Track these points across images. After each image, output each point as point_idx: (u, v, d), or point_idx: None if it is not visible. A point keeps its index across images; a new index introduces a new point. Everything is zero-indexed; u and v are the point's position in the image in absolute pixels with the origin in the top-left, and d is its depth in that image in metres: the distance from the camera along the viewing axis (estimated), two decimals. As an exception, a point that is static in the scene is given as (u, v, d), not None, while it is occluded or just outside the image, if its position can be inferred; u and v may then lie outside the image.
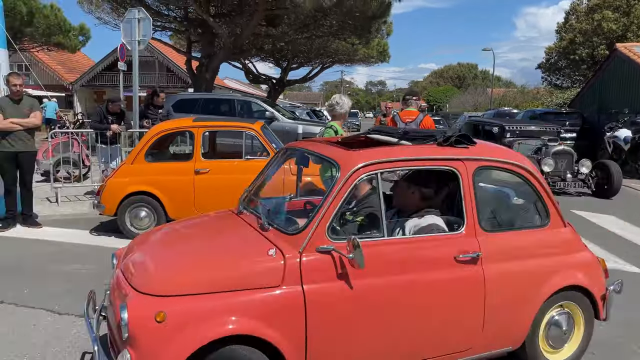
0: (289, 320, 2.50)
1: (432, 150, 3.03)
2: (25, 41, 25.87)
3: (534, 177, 3.21)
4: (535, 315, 3.11)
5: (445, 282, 2.83)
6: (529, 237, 3.17)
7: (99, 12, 19.95)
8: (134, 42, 8.38)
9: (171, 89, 36.09)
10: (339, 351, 2.65)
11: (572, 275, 3.20)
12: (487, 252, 2.94)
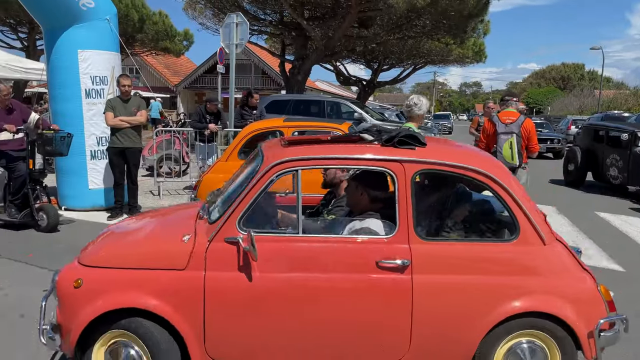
0: (189, 303, 2.62)
1: (366, 150, 2.84)
2: (136, 46, 28.03)
3: (499, 186, 2.80)
4: (484, 339, 2.74)
5: (361, 287, 2.67)
6: (485, 251, 2.78)
7: (202, 18, 21.22)
8: (231, 46, 8.82)
9: (265, 90, 37.43)
10: (237, 341, 2.67)
11: (544, 302, 2.72)
12: (420, 262, 2.69)
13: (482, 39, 23.78)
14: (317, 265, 2.68)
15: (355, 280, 2.66)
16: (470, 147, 3.56)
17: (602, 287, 2.82)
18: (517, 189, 2.86)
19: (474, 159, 2.97)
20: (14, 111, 6.51)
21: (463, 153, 3.09)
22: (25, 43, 24.58)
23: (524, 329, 2.77)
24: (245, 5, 17.76)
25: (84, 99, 7.21)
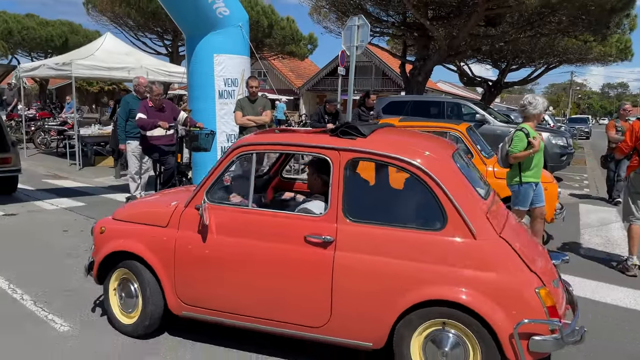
0: (165, 252, 3.33)
1: (315, 139, 3.18)
2: (264, 50, 29.70)
3: (429, 177, 2.87)
4: (400, 324, 2.86)
5: (291, 256, 3.02)
6: (407, 237, 2.87)
7: (326, 21, 21.88)
8: (352, 48, 9.04)
9: (385, 92, 37.44)
10: (195, 286, 3.29)
11: (457, 292, 2.73)
12: (344, 240, 2.94)
13: (628, 34, 21.45)
14: (259, 234, 3.13)
15: (286, 250, 3.05)
16: (423, 139, 3.52)
17: (542, 291, 2.71)
18: (451, 182, 2.89)
19: (409, 149, 3.04)
20: (166, 110, 7.15)
21: (402, 143, 3.23)
22: (170, 49, 27.32)
23: (437, 318, 2.82)
24: (368, 8, 17.99)
25: (217, 99, 7.89)
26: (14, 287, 4.29)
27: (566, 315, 2.91)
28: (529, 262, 2.82)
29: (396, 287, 2.84)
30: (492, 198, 3.26)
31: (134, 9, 23.65)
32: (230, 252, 3.17)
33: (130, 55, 12.79)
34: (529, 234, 3.48)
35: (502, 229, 2.95)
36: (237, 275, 3.17)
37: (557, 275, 3.09)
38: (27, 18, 32.81)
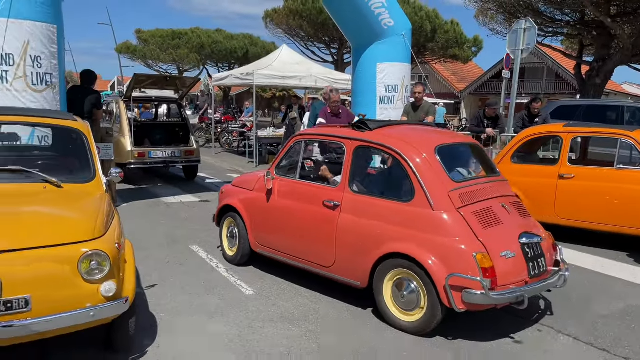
0: (248, 206, 4.89)
1: (338, 131, 4.52)
2: (426, 55, 29.66)
3: (405, 161, 3.84)
4: (375, 265, 3.79)
5: (314, 213, 4.24)
6: (386, 205, 3.88)
7: (492, 24, 21.20)
8: (517, 51, 8.86)
9: (557, 95, 34.59)
10: (263, 228, 4.76)
11: (409, 248, 3.61)
12: (346, 205, 4.06)
13: None
14: (298, 197, 4.44)
15: (311, 209, 4.27)
16: (419, 133, 4.55)
17: (479, 255, 3.41)
18: (421, 166, 3.79)
19: (397, 141, 4.03)
20: (342, 115, 7.31)
21: (395, 136, 4.19)
22: (335, 57, 28.91)
23: (399, 268, 3.69)
24: (540, 7, 17.02)
25: (378, 105, 8.43)
26: (211, 258, 5.29)
27: (528, 284, 3.58)
28: (478, 233, 3.55)
29: (373, 241, 3.82)
30: (478, 183, 4.07)
31: (305, 21, 25.63)
32: (280, 208, 4.56)
33: (301, 65, 14.07)
34: (521, 219, 3.99)
35: (466, 205, 3.70)
36: (284, 225, 4.53)
37: (528, 252, 3.69)
38: (216, 33, 37.48)
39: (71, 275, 2.75)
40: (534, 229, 3.96)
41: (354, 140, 4.19)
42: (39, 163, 3.74)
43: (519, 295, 3.43)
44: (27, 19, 5.81)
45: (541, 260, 3.76)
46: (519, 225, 3.86)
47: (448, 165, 3.91)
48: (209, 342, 3.45)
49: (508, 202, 4.03)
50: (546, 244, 3.93)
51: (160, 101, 12.20)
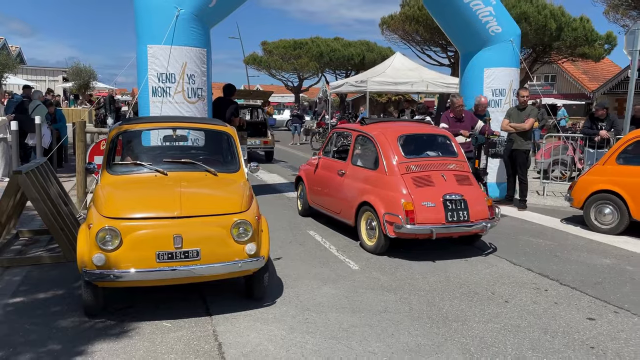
0: (307, 174, 7.48)
1: (351, 125, 7.51)
2: (552, 54, 28.26)
3: (375, 143, 6.05)
4: (356, 210, 6.00)
5: (334, 179, 6.63)
6: (365, 172, 6.17)
7: (624, 20, 19.88)
8: (634, 52, 8.67)
9: None
10: (312, 189, 7.20)
11: (371, 198, 5.79)
12: (348, 173, 6.41)
13: None
14: (329, 169, 6.84)
15: (333, 176, 6.65)
16: (397, 124, 7.19)
17: (405, 203, 5.38)
18: (384, 146, 5.93)
19: (374, 129, 6.29)
20: (465, 119, 7.68)
21: (375, 127, 6.41)
22: (452, 60, 28.78)
23: (367, 211, 5.83)
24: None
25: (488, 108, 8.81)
26: (325, 241, 6.25)
27: (445, 227, 5.44)
28: (411, 190, 5.52)
29: (357, 195, 6.02)
30: (427, 159, 6.04)
31: (421, 25, 25.93)
32: (319, 175, 7.08)
33: (413, 71, 14.69)
34: (455, 185, 5.73)
35: (408, 173, 5.69)
36: (321, 187, 6.99)
37: (449, 205, 5.48)
38: (334, 41, 39.14)
39: (226, 236, 3.82)
40: (461, 191, 5.64)
41: (355, 131, 6.62)
42: (200, 157, 4.94)
43: (427, 230, 5.34)
44: (185, 45, 7.28)
45: (462, 212, 5.50)
46: (448, 188, 5.63)
47: (407, 147, 6.05)
48: (321, 299, 4.36)
49: (450, 174, 5.85)
50: (477, 204, 5.63)
51: (249, 107, 15.99)
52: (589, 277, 5.08)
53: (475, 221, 5.54)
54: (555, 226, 7.28)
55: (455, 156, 6.19)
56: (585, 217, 6.95)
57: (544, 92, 41.85)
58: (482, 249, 6.02)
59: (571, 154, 10.79)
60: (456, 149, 6.31)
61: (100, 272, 3.61)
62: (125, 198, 4.05)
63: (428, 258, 5.59)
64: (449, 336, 3.71)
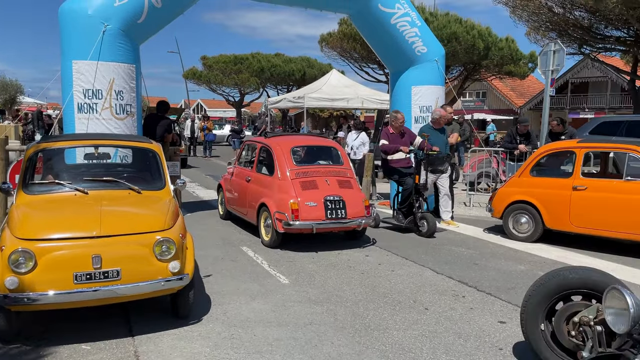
0: (225, 182, 8.59)
1: (258, 139, 8.08)
2: (481, 72, 29.79)
3: (272, 153, 7.03)
4: (257, 210, 7.00)
5: (243, 184, 7.65)
6: (264, 178, 7.16)
7: (544, 40, 21.28)
8: (547, 72, 9.37)
9: (623, 109, 33.54)
10: (229, 194, 8.31)
11: (267, 200, 6.76)
12: (252, 179, 7.46)
13: None
14: (239, 176, 7.92)
15: (242, 182, 7.68)
16: (294, 137, 8.51)
17: (292, 203, 6.34)
18: (279, 156, 6.88)
19: (273, 142, 7.24)
20: (405, 135, 7.86)
21: (274, 139, 7.44)
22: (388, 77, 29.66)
23: (265, 212, 6.79)
24: (586, 24, 17.13)
25: (413, 124, 9.18)
26: (257, 256, 6.29)
27: (325, 223, 6.44)
28: (298, 193, 6.47)
29: (258, 198, 6.99)
30: (314, 166, 7.05)
31: (358, 43, 26.62)
32: (233, 182, 8.04)
33: (349, 88, 15.10)
34: (337, 188, 6.71)
35: (297, 178, 6.65)
36: (236, 193, 7.90)
37: (329, 205, 6.49)
38: (275, 57, 39.44)
39: (149, 255, 3.79)
40: (341, 193, 6.61)
41: (259, 143, 7.59)
42: (124, 175, 4.87)
43: (309, 225, 6.32)
44: (113, 61, 7.16)
45: (340, 211, 6.49)
46: (329, 191, 6.61)
47: (300, 156, 7.41)
48: (248, 315, 4.39)
49: (333, 179, 6.81)
50: (355, 205, 6.62)
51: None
52: (504, 283, 5.42)
53: (352, 218, 6.57)
54: (477, 235, 7.69)
55: (341, 164, 7.20)
56: (505, 226, 7.39)
57: (476, 107, 44.06)
58: (409, 259, 6.27)
59: (495, 167, 11.41)
60: (342, 158, 7.31)
61: (14, 295, 3.49)
62: (41, 218, 3.94)
63: (357, 270, 5.76)
64: (370, 344, 3.86)
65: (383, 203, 10.35)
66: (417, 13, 9.16)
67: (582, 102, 38.40)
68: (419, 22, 9.09)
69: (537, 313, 3.34)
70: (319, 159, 7.43)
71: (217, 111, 62.99)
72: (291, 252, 6.49)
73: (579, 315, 3.07)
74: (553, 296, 3.30)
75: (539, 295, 3.33)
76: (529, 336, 3.40)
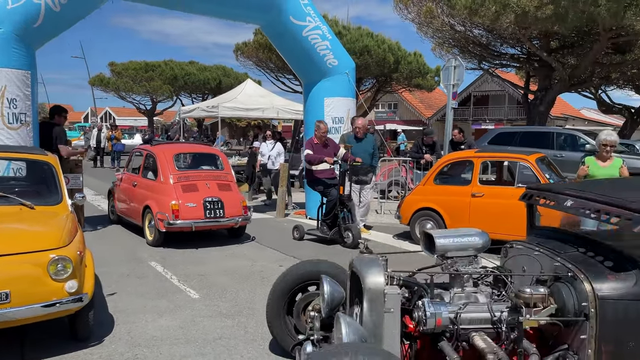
0: (116, 188, 9.09)
1: (146, 147, 8.90)
2: (392, 84, 31.08)
3: (156, 160, 7.69)
4: (142, 213, 7.58)
5: (131, 189, 8.17)
6: (149, 182, 7.78)
7: (448, 56, 22.66)
8: (449, 86, 9.99)
9: (519, 121, 36.40)
10: (119, 201, 8.73)
11: (149, 202, 7.41)
12: (138, 184, 8.08)
13: None
14: (127, 181, 8.50)
15: (131, 187, 8.24)
16: (178, 145, 9.83)
17: (172, 204, 6.98)
18: (162, 161, 7.60)
19: (157, 150, 7.99)
20: (329, 146, 7.80)
21: (159, 147, 8.25)
22: (305, 88, 30.01)
23: (149, 213, 7.41)
24: (484, 41, 18.49)
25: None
26: (167, 271, 6.08)
27: (203, 221, 7.20)
28: (179, 195, 7.17)
29: (142, 200, 7.56)
30: (195, 171, 7.93)
31: (274, 53, 26.75)
32: (123, 188, 8.46)
33: (265, 97, 15.09)
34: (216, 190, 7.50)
35: (178, 182, 7.35)
36: (123, 197, 8.41)
37: (207, 205, 7.21)
38: (189, 65, 38.53)
39: (42, 275, 3.54)
40: (220, 195, 7.35)
41: (145, 150, 8.20)
42: (15, 190, 4.53)
43: (188, 224, 7.03)
44: (5, 67, 6.64)
45: (218, 211, 7.21)
46: (209, 193, 7.31)
47: (183, 163, 8.40)
48: (155, 333, 4.23)
49: (213, 182, 7.55)
50: (232, 205, 7.37)
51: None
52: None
53: (230, 217, 7.32)
54: (387, 242, 7.98)
55: (222, 169, 8.07)
56: (412, 232, 7.74)
57: (388, 118, 45.87)
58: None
59: (404, 175, 11.93)
60: (223, 164, 8.18)
61: None
62: None
63: (271, 282, 5.74)
64: (281, 354, 3.86)
65: (299, 212, 10.44)
66: (327, 27, 9.40)
67: (483, 114, 41.28)
68: (330, 35, 9.33)
69: (279, 307, 3.58)
70: (201, 165, 8.38)
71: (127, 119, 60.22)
72: (201, 265, 6.36)
73: (312, 304, 3.38)
74: (292, 288, 3.56)
75: (279, 290, 3.58)
76: (274, 331, 3.63)
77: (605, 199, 2.63)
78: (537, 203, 3.12)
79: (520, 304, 2.56)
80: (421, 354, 2.74)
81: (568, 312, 2.52)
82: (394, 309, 2.59)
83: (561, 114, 38.84)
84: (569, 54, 18.33)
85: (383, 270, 2.69)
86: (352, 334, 2.45)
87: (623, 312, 2.40)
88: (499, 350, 2.49)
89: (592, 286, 2.43)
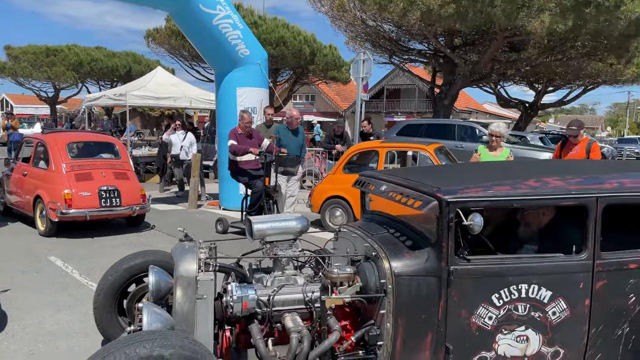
0: (7, 177, 8.72)
1: (36, 135, 8.90)
2: (309, 75, 31.41)
3: (47, 148, 7.47)
4: (33, 203, 7.43)
5: (21, 179, 8.02)
6: (41, 171, 7.56)
7: (360, 49, 23.31)
8: (358, 79, 10.35)
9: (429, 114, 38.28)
10: (10, 192, 8.50)
11: (41, 192, 7.21)
12: (29, 173, 7.88)
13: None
14: (19, 172, 8.12)
15: (21, 177, 8.03)
16: (72, 133, 9.39)
17: (65, 193, 6.87)
18: (56, 150, 7.35)
19: (51, 136, 7.77)
20: (253, 137, 7.52)
21: (51, 135, 7.92)
22: (220, 77, 29.48)
23: (40, 203, 7.30)
24: (394, 36, 19.25)
25: (238, 125, 9.38)
26: (67, 265, 5.83)
27: (99, 210, 7.18)
28: (72, 184, 7.03)
29: (33, 190, 7.42)
30: (90, 160, 7.67)
31: (187, 41, 26.01)
32: (13, 178, 8.17)
33: (176, 86, 14.68)
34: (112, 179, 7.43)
35: (71, 170, 7.17)
36: (13, 188, 8.13)
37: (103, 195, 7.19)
38: (96, 50, 36.33)
39: None
40: (116, 184, 7.30)
41: (36, 139, 7.95)
42: None
43: (83, 213, 6.96)
44: None
45: (115, 199, 7.18)
46: (104, 182, 7.25)
47: (77, 151, 7.78)
48: (51, 328, 4.09)
49: (109, 171, 7.47)
50: (130, 194, 7.36)
51: None
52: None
53: (127, 206, 7.32)
54: (299, 230, 8.15)
55: (118, 158, 7.96)
56: (322, 219, 7.99)
57: (306, 109, 46.25)
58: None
59: (318, 165, 12.22)
60: (120, 153, 8.06)
61: None
62: None
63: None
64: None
65: (212, 203, 10.36)
66: (239, 16, 9.36)
67: (395, 107, 42.93)
68: (242, 25, 9.29)
69: (109, 302, 3.41)
70: (97, 154, 8.06)
71: (28, 107, 55.69)
72: (103, 259, 6.17)
73: (147, 294, 3.26)
74: (123, 284, 3.41)
75: (107, 287, 3.44)
76: (103, 328, 3.46)
77: (407, 183, 2.79)
78: (368, 189, 3.24)
79: (328, 283, 2.65)
80: (240, 337, 2.80)
81: (370, 290, 2.61)
82: (207, 295, 2.60)
83: (466, 107, 41.36)
84: (470, 51, 19.57)
85: (196, 257, 2.67)
86: (155, 322, 2.45)
87: (416, 288, 2.52)
88: (303, 329, 2.59)
89: (389, 264, 2.55)
